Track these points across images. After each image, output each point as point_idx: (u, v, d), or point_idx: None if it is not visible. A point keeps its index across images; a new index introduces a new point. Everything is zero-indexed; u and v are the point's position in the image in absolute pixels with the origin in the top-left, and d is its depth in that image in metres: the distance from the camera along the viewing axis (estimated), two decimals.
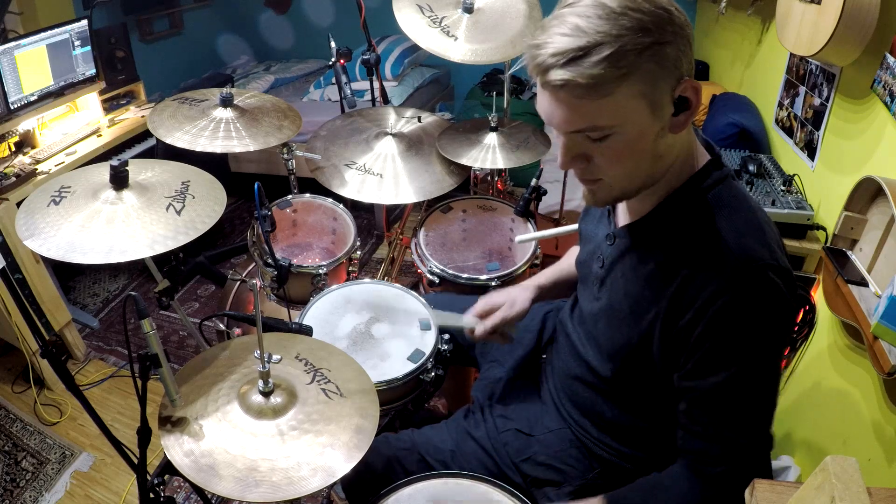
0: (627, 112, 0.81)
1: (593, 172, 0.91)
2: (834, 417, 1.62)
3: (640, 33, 0.77)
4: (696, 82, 0.84)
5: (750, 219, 0.92)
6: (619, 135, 0.84)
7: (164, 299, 1.35)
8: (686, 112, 0.85)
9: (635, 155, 0.87)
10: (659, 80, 0.81)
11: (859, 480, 0.66)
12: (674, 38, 0.80)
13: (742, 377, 0.90)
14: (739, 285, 0.86)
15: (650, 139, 0.85)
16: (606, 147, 0.86)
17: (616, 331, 1.04)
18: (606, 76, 0.77)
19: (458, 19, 1.86)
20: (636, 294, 0.99)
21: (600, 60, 0.77)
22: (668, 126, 0.86)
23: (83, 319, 2.70)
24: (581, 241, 1.24)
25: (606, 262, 1.07)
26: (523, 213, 1.89)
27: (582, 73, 0.77)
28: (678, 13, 0.81)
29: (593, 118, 0.82)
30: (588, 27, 0.77)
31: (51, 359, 1.26)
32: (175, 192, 1.29)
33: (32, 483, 2.02)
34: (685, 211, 0.94)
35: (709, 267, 0.88)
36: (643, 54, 0.78)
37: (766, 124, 2.23)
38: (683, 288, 0.91)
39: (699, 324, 0.89)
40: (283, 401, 1.08)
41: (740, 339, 0.88)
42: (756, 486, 0.85)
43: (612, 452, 1.15)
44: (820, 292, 1.69)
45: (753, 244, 0.88)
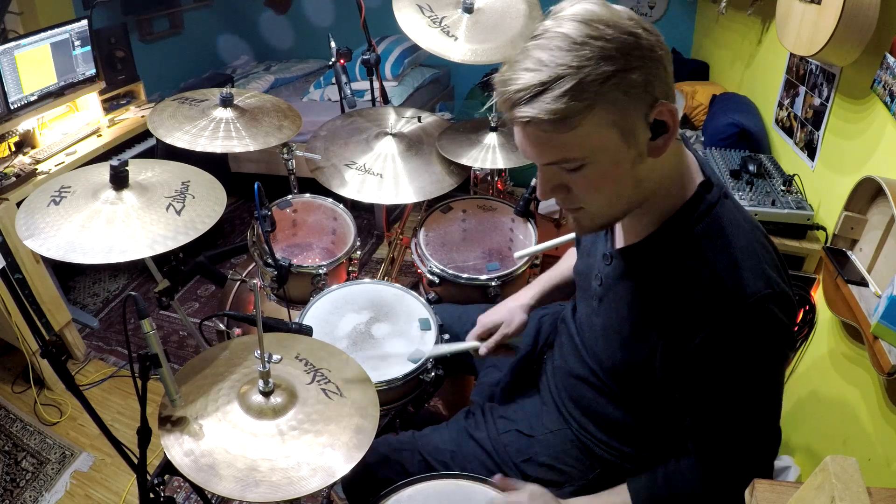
0: (598, 142, 0.80)
1: (574, 201, 0.90)
2: (834, 417, 1.62)
3: (603, 62, 0.75)
4: (671, 105, 0.81)
5: (744, 247, 0.90)
6: (592, 164, 0.82)
7: (164, 299, 1.36)
8: (664, 136, 0.83)
9: (613, 182, 0.85)
10: (628, 107, 0.79)
11: (859, 480, 0.66)
12: (641, 64, 0.77)
13: (746, 400, 0.91)
14: (734, 324, 0.86)
15: (626, 166, 0.84)
16: (582, 177, 0.84)
17: (616, 350, 1.05)
18: (569, 110, 0.76)
19: (458, 19, 1.86)
20: (634, 320, 0.99)
21: (562, 94, 0.75)
22: (645, 151, 0.84)
23: (83, 319, 2.70)
24: (578, 250, 1.23)
25: (605, 282, 1.07)
26: (523, 213, 1.89)
27: (544, 109, 0.76)
28: (647, 35, 0.79)
29: (563, 151, 0.81)
30: (550, 60, 0.76)
31: (51, 359, 1.26)
32: (175, 192, 1.29)
33: (32, 483, 2.02)
34: (676, 246, 0.93)
35: (703, 306, 0.88)
36: (606, 83, 0.76)
37: (766, 124, 2.23)
38: (680, 323, 0.91)
39: (698, 359, 0.90)
40: (283, 401, 1.08)
41: (740, 372, 0.89)
42: (756, 486, 0.85)
43: (613, 453, 1.15)
44: (820, 292, 1.69)
45: (748, 277, 0.87)
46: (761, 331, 0.87)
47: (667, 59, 0.81)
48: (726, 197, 0.95)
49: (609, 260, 1.06)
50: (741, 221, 0.93)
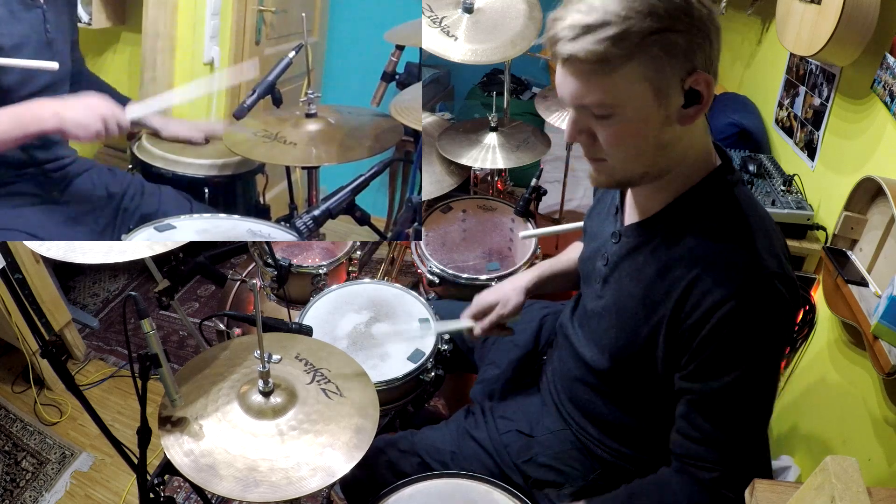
0: (630, 93, 0.82)
1: (597, 151, 0.91)
2: (834, 417, 1.62)
3: (649, 17, 0.78)
4: (709, 77, 0.83)
5: (760, 226, 0.92)
6: (621, 115, 0.85)
7: (164, 299, 1.35)
8: (696, 105, 0.85)
9: (637, 139, 0.87)
10: (665, 67, 0.81)
11: (859, 480, 0.66)
12: (686, 29, 0.80)
13: (742, 383, 0.90)
14: (746, 293, 0.87)
15: (654, 126, 0.86)
16: (609, 126, 0.86)
17: (620, 330, 1.04)
18: (608, 54, 0.79)
19: (458, 19, 1.86)
20: (641, 295, 0.99)
21: (604, 39, 0.78)
22: (675, 117, 0.86)
23: (83, 319, 2.70)
24: (585, 238, 1.24)
25: (611, 260, 1.07)
26: (523, 213, 1.89)
27: (584, 49, 0.80)
28: (700, 6, 0.81)
29: (595, 95, 0.84)
30: (600, 5, 0.79)
31: (51, 359, 1.26)
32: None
33: (32, 483, 2.02)
34: (692, 217, 0.94)
35: (718, 270, 0.89)
36: (648, 38, 0.79)
37: (766, 124, 2.23)
38: (690, 289, 0.91)
39: (704, 327, 0.90)
40: (283, 401, 1.08)
41: (743, 345, 0.89)
42: (756, 486, 0.85)
43: (613, 454, 1.15)
44: (820, 292, 1.69)
45: (763, 252, 0.89)
46: (768, 305, 0.87)
47: (714, 34, 0.83)
48: (744, 184, 0.97)
49: (618, 238, 1.06)
50: (758, 206, 0.96)
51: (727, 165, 0.96)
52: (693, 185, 0.95)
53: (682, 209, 0.96)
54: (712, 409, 0.93)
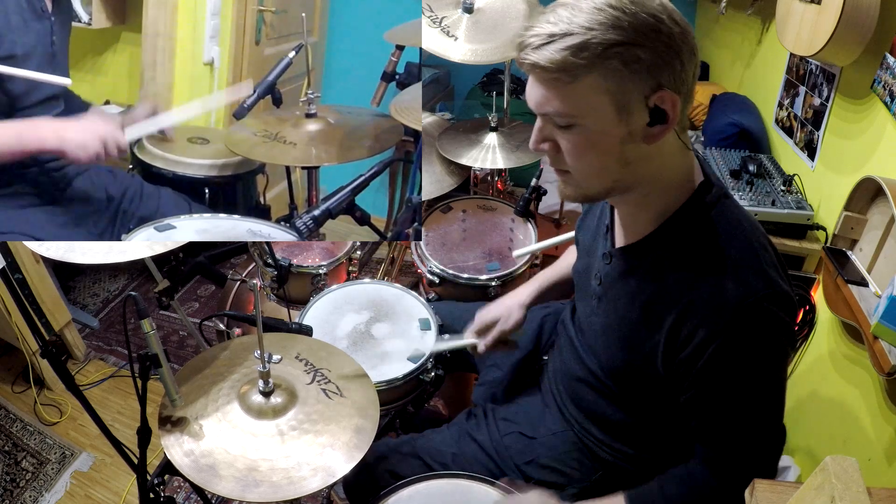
0: (591, 104, 0.82)
1: (561, 162, 0.91)
2: (834, 417, 1.62)
3: (612, 30, 0.78)
4: (674, 96, 0.82)
5: (743, 247, 0.91)
6: (582, 126, 0.84)
7: (164, 299, 1.35)
8: (661, 125, 0.84)
9: (599, 152, 0.87)
10: (626, 81, 0.80)
11: (859, 480, 0.66)
12: (652, 45, 0.79)
13: (748, 401, 0.91)
14: (734, 327, 0.87)
15: (614, 140, 0.85)
16: (571, 136, 0.86)
17: (617, 350, 1.05)
18: (567, 63, 0.79)
19: (458, 19, 1.86)
20: (634, 320, 0.99)
21: (565, 48, 0.79)
22: (640, 134, 0.84)
23: (83, 319, 2.70)
24: (578, 250, 1.24)
25: (604, 281, 1.07)
26: (523, 213, 1.89)
27: (545, 57, 0.80)
28: (671, 24, 0.80)
29: (557, 103, 0.84)
30: (567, 17, 0.80)
31: (51, 359, 1.26)
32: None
33: (32, 483, 2.02)
34: (675, 246, 0.93)
35: (701, 309, 0.89)
36: (609, 50, 0.78)
37: (766, 124, 2.23)
38: (681, 321, 0.91)
39: (698, 361, 0.90)
40: (283, 401, 1.08)
41: (742, 373, 0.89)
42: (756, 486, 0.85)
43: (615, 455, 1.15)
44: (820, 292, 1.69)
45: (748, 276, 0.88)
46: (761, 330, 0.87)
47: (687, 55, 0.82)
48: (726, 197, 0.95)
49: (609, 259, 1.06)
50: (741, 221, 0.93)
51: (706, 184, 0.94)
52: (674, 211, 0.93)
53: (663, 239, 0.95)
54: (723, 423, 0.95)
